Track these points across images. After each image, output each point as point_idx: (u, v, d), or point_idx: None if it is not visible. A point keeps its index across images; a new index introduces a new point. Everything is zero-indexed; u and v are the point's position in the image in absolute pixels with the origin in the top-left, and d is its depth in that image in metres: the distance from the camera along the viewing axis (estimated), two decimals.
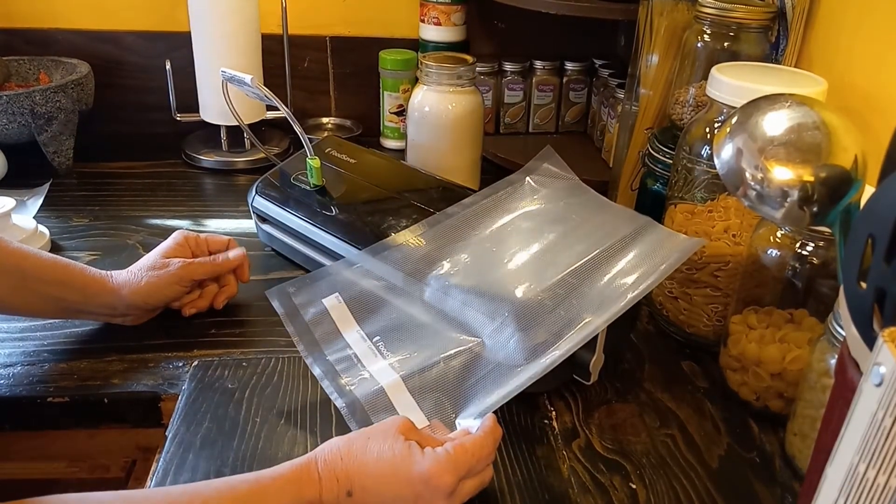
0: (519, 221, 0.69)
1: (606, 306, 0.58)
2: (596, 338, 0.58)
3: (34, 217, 0.86)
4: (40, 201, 0.92)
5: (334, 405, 0.58)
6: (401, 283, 0.64)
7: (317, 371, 0.60)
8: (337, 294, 0.65)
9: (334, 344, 0.61)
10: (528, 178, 0.75)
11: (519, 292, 0.60)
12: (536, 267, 0.62)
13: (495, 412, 0.53)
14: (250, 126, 1.01)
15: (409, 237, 0.68)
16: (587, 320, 0.57)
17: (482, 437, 0.50)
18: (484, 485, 0.51)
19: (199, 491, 0.43)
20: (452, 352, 0.58)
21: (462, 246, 0.66)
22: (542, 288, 0.60)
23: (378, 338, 0.61)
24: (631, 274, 0.61)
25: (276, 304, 0.64)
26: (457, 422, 0.55)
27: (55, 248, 0.83)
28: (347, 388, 0.58)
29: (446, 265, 0.64)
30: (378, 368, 0.59)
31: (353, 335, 0.62)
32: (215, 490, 0.43)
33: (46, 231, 0.83)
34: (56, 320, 0.70)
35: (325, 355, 0.61)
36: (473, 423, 0.53)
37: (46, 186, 0.96)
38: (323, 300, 0.64)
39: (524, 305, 0.58)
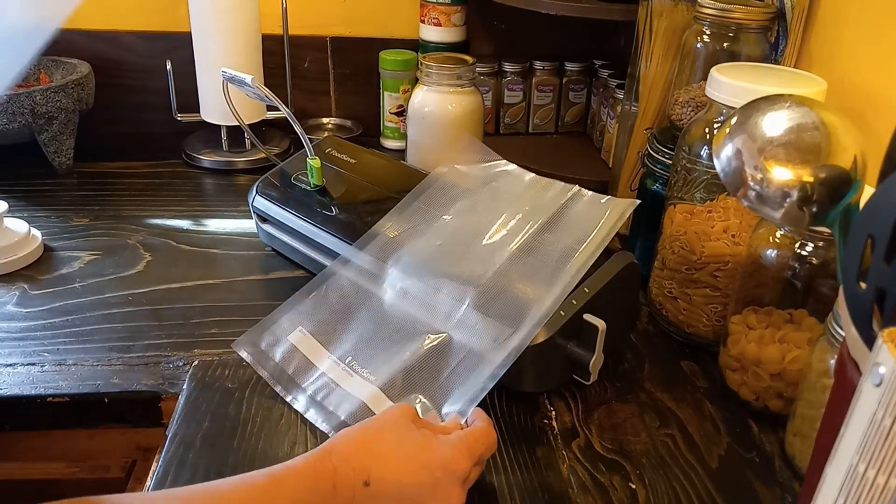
0: (457, 211, 0.70)
1: (562, 276, 0.60)
2: (596, 337, 0.59)
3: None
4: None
5: None
6: (358, 296, 0.66)
7: (299, 406, 0.60)
8: (300, 328, 0.65)
9: (310, 375, 0.62)
10: (454, 167, 0.76)
11: (475, 279, 0.62)
12: (485, 251, 0.64)
13: (490, 408, 0.53)
14: (250, 126, 1.01)
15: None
16: (548, 292, 0.59)
17: (486, 426, 0.51)
18: (477, 475, 0.52)
19: (218, 487, 0.43)
20: (424, 350, 0.60)
21: (407, 248, 0.67)
22: (494, 271, 0.62)
23: (350, 358, 0.62)
24: (577, 240, 0.63)
25: (244, 355, 0.65)
26: (442, 412, 0.56)
27: (56, 248, 0.83)
28: (331, 411, 0.59)
29: (396, 269, 0.65)
30: (356, 385, 0.60)
31: (326, 362, 0.63)
32: (232, 486, 0.43)
33: (38, 234, 0.83)
34: (56, 319, 0.70)
35: (304, 388, 0.61)
36: (465, 407, 0.54)
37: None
38: (288, 337, 0.65)
39: (483, 291, 0.61)
